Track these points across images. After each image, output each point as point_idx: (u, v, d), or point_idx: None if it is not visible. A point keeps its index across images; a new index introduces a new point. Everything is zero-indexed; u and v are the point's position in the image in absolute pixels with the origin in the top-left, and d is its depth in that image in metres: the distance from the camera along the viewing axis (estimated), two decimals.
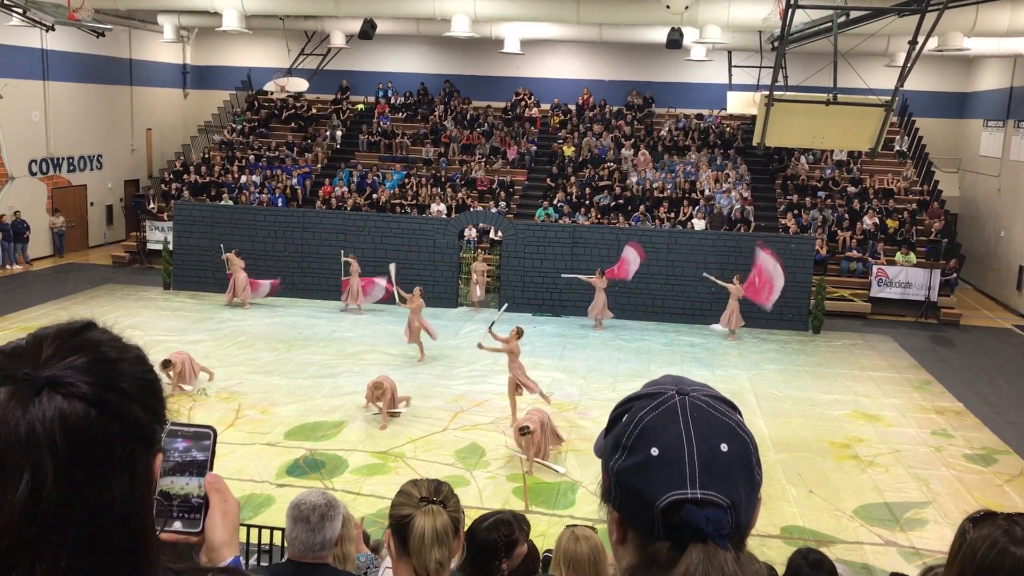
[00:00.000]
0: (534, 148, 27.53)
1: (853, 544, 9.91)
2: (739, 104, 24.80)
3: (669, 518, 1.12)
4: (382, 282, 19.53)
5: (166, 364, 13.48)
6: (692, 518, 1.10)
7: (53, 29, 21.92)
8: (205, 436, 1.34)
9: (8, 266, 23.66)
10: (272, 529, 7.69)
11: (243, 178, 26.03)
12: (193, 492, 1.31)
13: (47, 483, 0.97)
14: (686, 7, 18.47)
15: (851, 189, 24.95)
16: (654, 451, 1.14)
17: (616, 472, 1.18)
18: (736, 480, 1.14)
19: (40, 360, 1.03)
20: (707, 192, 24.77)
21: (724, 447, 1.15)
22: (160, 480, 1.27)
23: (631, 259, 19.58)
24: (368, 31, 24.56)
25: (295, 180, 25.94)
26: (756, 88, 23.22)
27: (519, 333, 13.43)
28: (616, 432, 1.21)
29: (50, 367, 1.02)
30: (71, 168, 26.82)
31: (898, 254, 22.31)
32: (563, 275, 20.22)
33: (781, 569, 4.48)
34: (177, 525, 1.29)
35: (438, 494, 2.68)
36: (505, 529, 3.57)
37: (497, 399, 14.31)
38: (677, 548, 1.11)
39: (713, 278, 19.49)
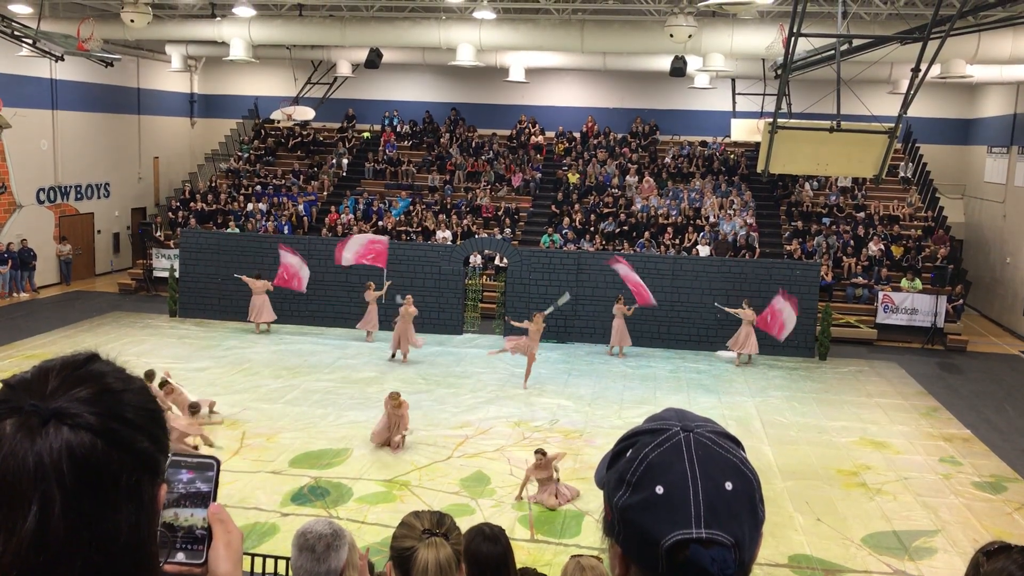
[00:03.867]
0: (539, 175, 27.64)
1: (861, 573, 9.81)
2: (743, 131, 24.88)
3: (674, 557, 1.12)
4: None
5: (163, 384, 13.40)
6: (698, 558, 1.10)
7: (62, 59, 22.15)
8: (208, 467, 1.34)
9: (15, 294, 23.74)
10: (276, 558, 7.64)
11: (249, 206, 26.15)
12: (197, 524, 1.30)
13: (55, 513, 0.98)
14: (689, 36, 18.59)
15: (858, 215, 24.96)
16: (659, 489, 1.14)
17: (620, 509, 1.18)
18: (740, 518, 1.14)
19: (46, 392, 1.04)
20: (712, 219, 24.81)
21: (729, 485, 1.15)
22: (164, 512, 1.27)
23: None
24: (374, 60, 24.77)
25: (301, 207, 26.05)
26: (760, 115, 23.30)
27: (195, 407, 12.67)
28: (620, 468, 1.21)
29: (56, 399, 1.03)
30: (78, 196, 26.98)
31: (904, 280, 22.27)
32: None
33: None
34: (180, 556, 1.29)
35: (441, 526, 2.65)
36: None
37: (502, 426, 14.28)
38: None
39: (725, 308, 19.51)
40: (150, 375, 13.46)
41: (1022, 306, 23.46)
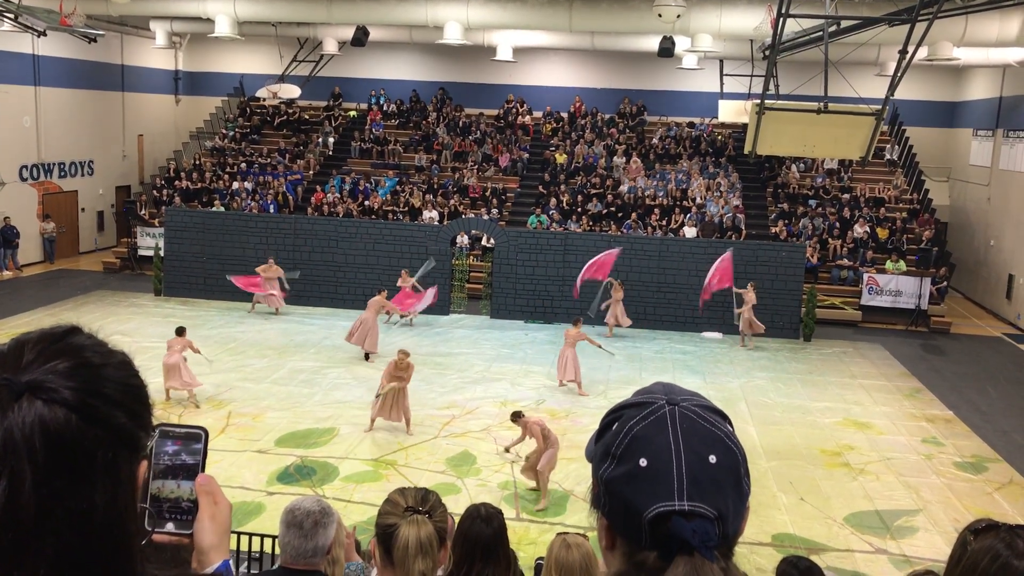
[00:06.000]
0: (526, 155, 27.56)
1: (844, 552, 9.91)
2: (730, 112, 24.84)
3: (656, 529, 1.12)
4: (428, 293, 19.63)
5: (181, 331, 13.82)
6: (679, 530, 1.10)
7: (45, 34, 21.85)
8: (196, 438, 1.32)
9: None
10: (263, 536, 7.64)
11: (235, 184, 25.98)
12: (184, 496, 1.30)
13: (25, 490, 0.96)
14: (678, 16, 18.52)
15: (844, 197, 25.03)
16: (643, 462, 1.14)
17: (605, 481, 1.18)
18: (724, 491, 1.14)
19: (21, 365, 1.01)
20: (698, 200, 24.83)
21: (712, 458, 1.15)
22: (152, 483, 1.26)
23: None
24: (361, 38, 24.57)
25: (287, 187, 25.90)
26: (747, 96, 23.25)
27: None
28: (606, 440, 1.21)
29: (31, 372, 1.00)
30: (62, 174, 26.72)
31: (888, 262, 22.38)
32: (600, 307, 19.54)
33: None
34: (170, 526, 1.28)
35: (424, 503, 2.66)
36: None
37: (488, 406, 14.31)
38: (664, 558, 1.11)
39: (736, 289, 19.36)
40: (180, 331, 13.89)
41: (1005, 288, 23.63)
